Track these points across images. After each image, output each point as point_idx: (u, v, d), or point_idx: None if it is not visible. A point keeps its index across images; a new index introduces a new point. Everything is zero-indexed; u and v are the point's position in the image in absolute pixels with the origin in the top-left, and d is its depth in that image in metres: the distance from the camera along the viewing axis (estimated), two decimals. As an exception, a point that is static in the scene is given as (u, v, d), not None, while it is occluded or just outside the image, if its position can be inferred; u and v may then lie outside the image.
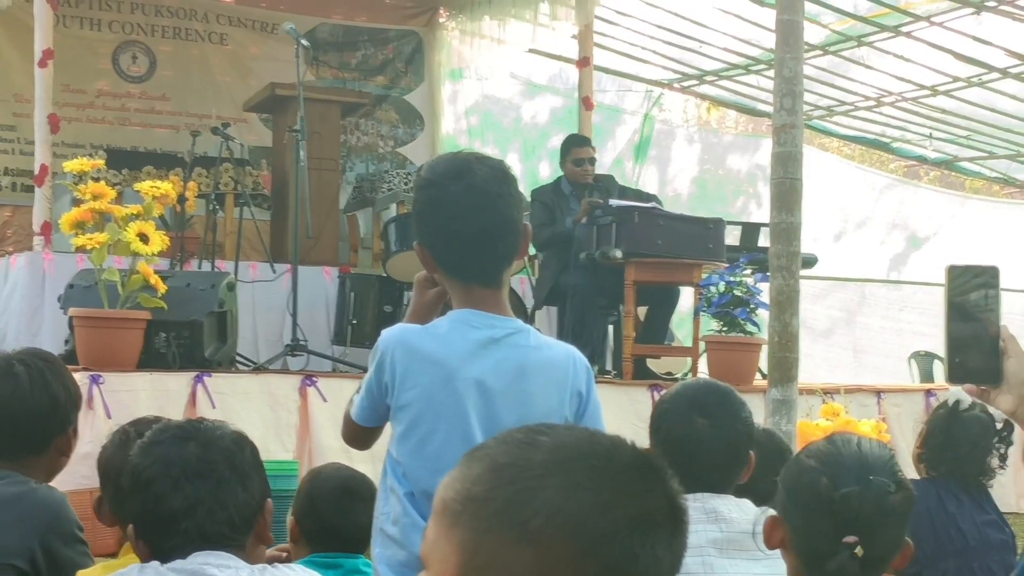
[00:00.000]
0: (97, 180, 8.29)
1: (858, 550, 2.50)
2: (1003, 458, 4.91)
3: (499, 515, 1.36)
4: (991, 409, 4.80)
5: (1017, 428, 2.43)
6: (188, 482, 2.65)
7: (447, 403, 3.07)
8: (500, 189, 3.13)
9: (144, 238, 7.59)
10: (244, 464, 2.74)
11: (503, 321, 3.15)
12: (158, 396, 7.54)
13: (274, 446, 7.79)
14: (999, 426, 4.89)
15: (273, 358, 9.17)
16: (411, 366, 3.09)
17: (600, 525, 1.34)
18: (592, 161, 10.28)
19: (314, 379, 8.02)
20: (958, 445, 4.88)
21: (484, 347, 3.10)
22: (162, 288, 7.65)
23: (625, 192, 10.33)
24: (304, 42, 9.23)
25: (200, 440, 2.72)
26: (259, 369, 8.77)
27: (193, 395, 7.61)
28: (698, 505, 2.70)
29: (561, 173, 10.38)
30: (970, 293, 2.49)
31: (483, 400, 3.08)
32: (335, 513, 3.88)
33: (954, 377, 2.50)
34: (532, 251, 10.80)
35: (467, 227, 3.09)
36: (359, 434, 3.24)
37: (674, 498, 1.40)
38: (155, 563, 2.63)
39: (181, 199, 9.59)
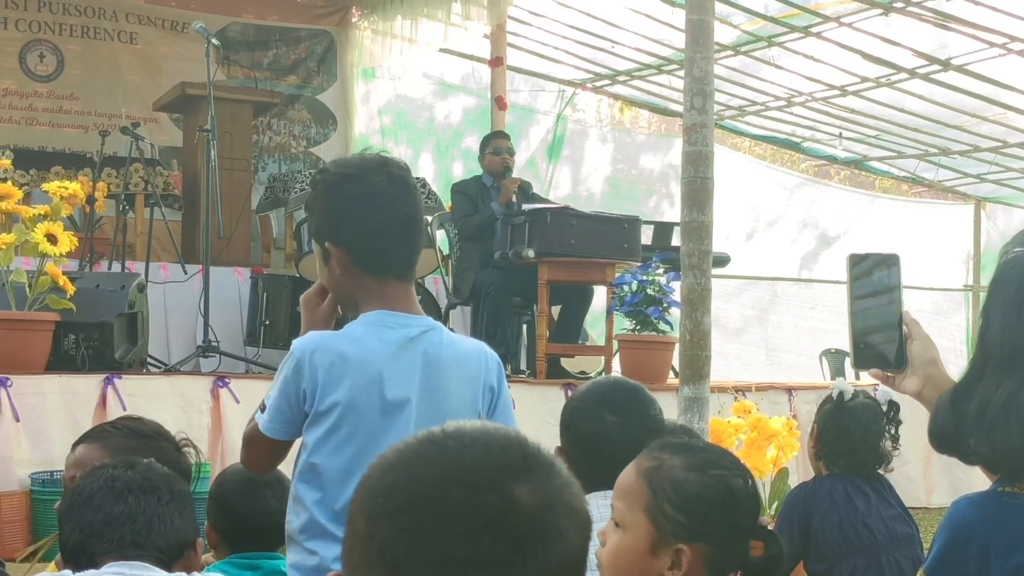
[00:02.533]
0: (4, 180, 8.20)
1: (771, 527, 2.53)
2: (895, 439, 4.96)
3: None
4: (882, 393, 4.91)
5: (923, 413, 2.45)
6: (131, 494, 2.69)
7: (369, 405, 3.08)
8: (413, 181, 3.20)
9: (52, 239, 7.50)
10: (182, 494, 2.80)
11: (416, 320, 3.17)
12: (68, 398, 7.46)
13: (186, 448, 7.71)
14: (885, 408, 4.95)
15: (185, 359, 9.10)
16: (333, 370, 3.08)
17: (383, 505, 1.38)
18: (511, 151, 10.34)
19: (227, 380, 7.97)
20: (851, 435, 4.93)
21: (401, 347, 3.12)
22: (71, 289, 7.57)
23: (535, 200, 10.34)
24: (214, 41, 9.17)
25: (142, 467, 2.79)
26: (170, 371, 8.71)
27: (103, 397, 7.54)
28: (606, 502, 2.69)
29: (479, 172, 10.40)
30: (872, 280, 2.53)
31: (383, 405, 3.10)
32: (243, 502, 3.86)
33: (860, 363, 2.54)
34: (446, 250, 10.79)
35: (395, 215, 3.13)
36: (272, 451, 3.19)
37: (511, 503, 1.37)
38: (67, 571, 2.61)
39: (90, 199, 9.49)
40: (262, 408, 3.16)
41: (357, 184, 3.12)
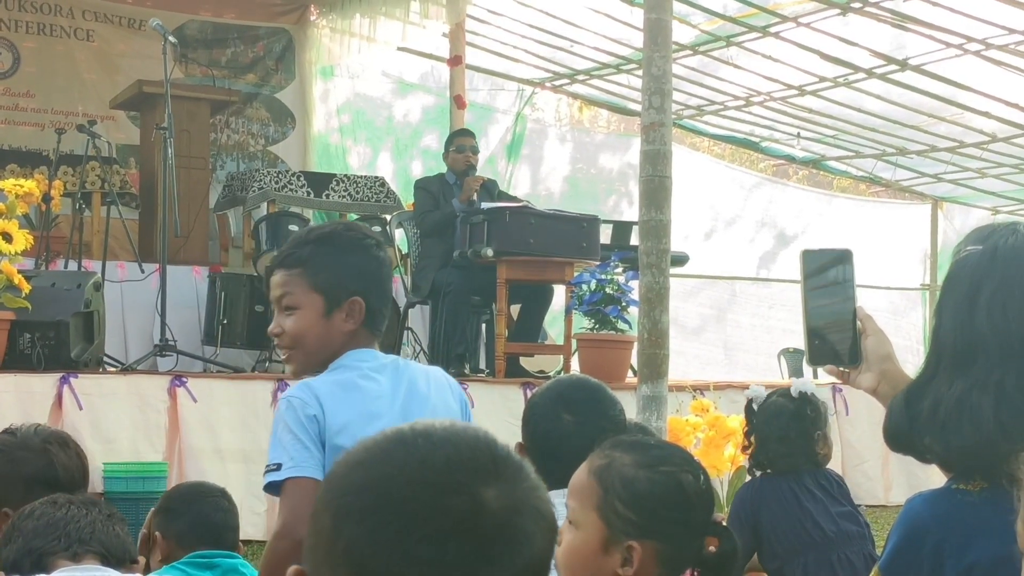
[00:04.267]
0: (-41, 178, 8.13)
1: (725, 523, 2.54)
2: (811, 431, 4.99)
3: None
4: (794, 388, 5.02)
5: (880, 411, 2.46)
6: (72, 506, 2.76)
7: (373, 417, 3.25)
8: None
9: (7, 237, 7.46)
10: (120, 517, 2.89)
11: (382, 354, 3.45)
12: (23, 398, 7.42)
13: (143, 447, 7.70)
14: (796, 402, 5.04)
15: (141, 358, 9.06)
16: (335, 399, 3.24)
17: (350, 504, 1.39)
18: (474, 150, 10.33)
19: (184, 379, 7.93)
20: (749, 437, 5.09)
21: (379, 370, 3.36)
22: (26, 288, 7.52)
23: (501, 197, 10.34)
24: (171, 39, 9.13)
25: (82, 495, 2.93)
26: (127, 370, 8.67)
27: (59, 396, 7.49)
28: (562, 500, 2.69)
29: (440, 171, 10.39)
30: (826, 276, 2.53)
31: (403, 413, 3.30)
32: (193, 501, 3.90)
33: (814, 359, 2.55)
34: (405, 249, 10.78)
35: (388, 289, 3.54)
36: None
37: (480, 506, 1.37)
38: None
39: (46, 198, 9.42)
40: (276, 468, 3.17)
41: (383, 251, 3.47)
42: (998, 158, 14.52)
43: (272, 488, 3.17)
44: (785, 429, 4.97)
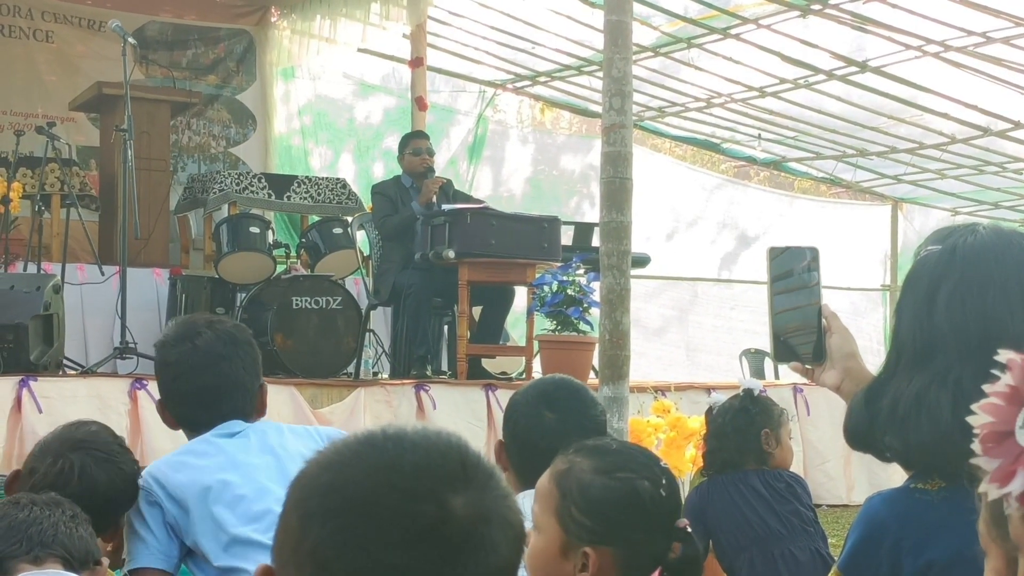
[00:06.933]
0: (-84, 180, 8.07)
1: (689, 529, 2.53)
2: (764, 431, 5.02)
3: None
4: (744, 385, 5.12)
5: (842, 410, 2.47)
6: (35, 506, 2.73)
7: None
8: (225, 351, 3.46)
9: (-34, 239, 7.42)
10: (84, 517, 2.84)
11: (239, 424, 3.50)
12: (-18, 401, 7.38)
13: (103, 450, 7.65)
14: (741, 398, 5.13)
15: (101, 361, 9.01)
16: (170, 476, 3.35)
17: (318, 505, 1.38)
18: (430, 152, 10.27)
19: (145, 382, 7.90)
20: (706, 442, 5.18)
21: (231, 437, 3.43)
22: (-15, 291, 7.48)
23: (457, 197, 10.31)
24: (131, 40, 9.08)
25: (45, 495, 2.85)
26: (87, 372, 8.62)
27: (18, 400, 7.45)
28: (531, 502, 2.69)
29: (399, 173, 10.35)
30: (791, 274, 2.54)
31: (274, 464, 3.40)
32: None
33: (779, 356, 2.55)
34: (367, 251, 10.75)
35: (188, 386, 3.44)
36: None
37: (447, 513, 1.37)
38: None
39: (5, 200, 9.38)
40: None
41: (162, 353, 3.53)
42: (957, 159, 14.61)
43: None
44: (730, 424, 5.03)
